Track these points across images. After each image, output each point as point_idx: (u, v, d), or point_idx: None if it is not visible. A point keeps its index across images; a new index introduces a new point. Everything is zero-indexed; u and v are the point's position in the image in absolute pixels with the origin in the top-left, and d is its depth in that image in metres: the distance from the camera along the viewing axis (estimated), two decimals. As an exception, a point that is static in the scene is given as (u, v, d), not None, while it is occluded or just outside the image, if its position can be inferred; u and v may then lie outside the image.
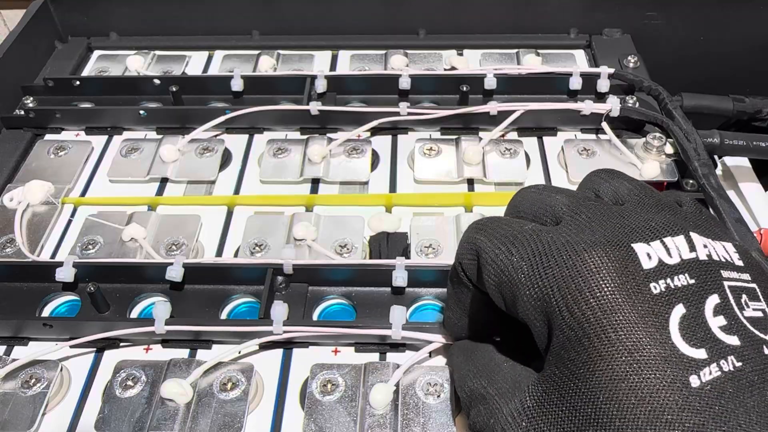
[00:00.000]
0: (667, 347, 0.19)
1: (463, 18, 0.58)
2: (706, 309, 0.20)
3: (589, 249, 0.21)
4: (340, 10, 0.58)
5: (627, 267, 0.21)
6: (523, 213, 0.26)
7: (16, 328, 0.36)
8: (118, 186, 0.46)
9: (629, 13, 0.57)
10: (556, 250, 0.22)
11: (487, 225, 0.24)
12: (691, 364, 0.19)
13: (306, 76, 0.50)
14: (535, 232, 0.23)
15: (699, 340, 0.19)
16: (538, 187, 0.27)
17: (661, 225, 0.22)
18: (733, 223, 0.38)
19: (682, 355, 0.19)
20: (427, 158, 0.45)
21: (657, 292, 0.20)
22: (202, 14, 0.59)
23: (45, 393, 0.33)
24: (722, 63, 0.59)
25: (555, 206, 0.25)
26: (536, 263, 0.22)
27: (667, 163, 0.44)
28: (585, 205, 0.24)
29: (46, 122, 0.50)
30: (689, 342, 0.19)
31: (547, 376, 0.21)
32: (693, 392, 0.18)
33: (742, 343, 0.20)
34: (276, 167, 0.45)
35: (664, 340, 0.19)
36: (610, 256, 0.21)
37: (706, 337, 0.20)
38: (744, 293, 0.21)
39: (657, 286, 0.20)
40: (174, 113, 0.49)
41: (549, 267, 0.21)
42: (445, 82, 0.50)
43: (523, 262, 0.22)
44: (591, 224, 0.23)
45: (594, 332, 0.20)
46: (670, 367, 0.19)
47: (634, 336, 0.19)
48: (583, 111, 0.46)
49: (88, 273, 0.37)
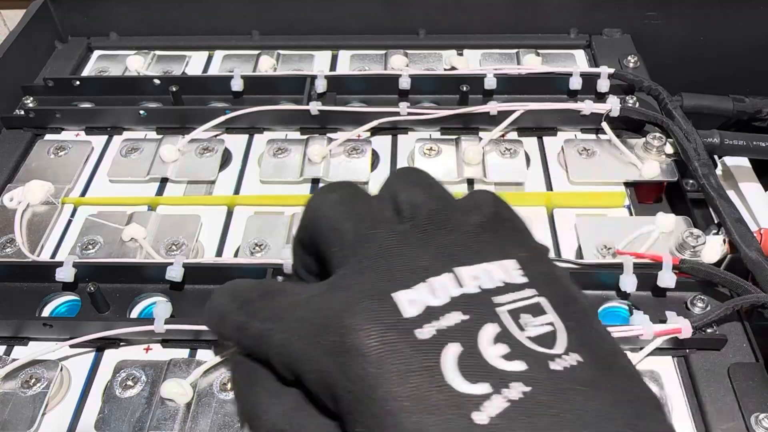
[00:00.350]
0: (445, 390, 0.19)
1: (463, 18, 0.58)
2: (483, 341, 0.20)
3: (351, 309, 0.21)
4: (340, 10, 0.58)
5: (390, 320, 0.20)
6: (316, 237, 0.26)
7: (16, 328, 0.36)
8: (118, 186, 0.46)
9: (629, 13, 0.57)
10: (321, 318, 0.21)
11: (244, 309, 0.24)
12: (473, 401, 0.19)
13: (306, 76, 0.50)
14: (306, 301, 0.22)
15: (479, 375, 0.19)
16: (335, 203, 0.26)
17: (427, 264, 0.22)
18: (733, 223, 0.38)
19: (462, 395, 0.19)
20: (427, 158, 0.45)
21: (425, 337, 0.20)
22: (202, 14, 0.59)
23: (45, 393, 0.33)
24: (722, 63, 0.59)
25: (344, 236, 0.24)
26: (305, 337, 0.21)
27: (667, 163, 0.44)
28: (367, 239, 0.23)
29: (46, 122, 0.50)
30: (468, 379, 0.19)
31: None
32: (480, 429, 0.18)
33: (527, 366, 0.20)
34: (276, 167, 0.45)
35: (440, 384, 0.19)
36: (371, 313, 0.21)
37: (487, 370, 0.19)
38: (525, 312, 0.21)
39: (425, 332, 0.20)
40: (174, 113, 0.49)
41: (318, 339, 0.21)
42: (445, 82, 0.50)
43: (294, 337, 0.22)
44: (361, 270, 0.22)
45: (373, 393, 0.19)
46: (451, 409, 0.19)
47: (410, 386, 0.19)
48: (583, 111, 0.46)
49: (88, 273, 0.37)
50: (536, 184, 0.44)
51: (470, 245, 0.23)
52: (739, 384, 0.32)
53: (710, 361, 0.34)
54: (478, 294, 0.21)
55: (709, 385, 0.33)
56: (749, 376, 0.33)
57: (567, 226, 0.42)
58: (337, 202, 0.25)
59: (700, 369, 0.34)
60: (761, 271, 0.35)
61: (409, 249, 0.23)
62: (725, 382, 0.33)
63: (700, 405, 0.32)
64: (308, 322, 0.21)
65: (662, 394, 0.32)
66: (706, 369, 0.34)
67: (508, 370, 0.19)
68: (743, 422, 0.31)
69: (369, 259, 0.23)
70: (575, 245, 0.40)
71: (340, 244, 0.24)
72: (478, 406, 0.18)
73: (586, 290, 0.37)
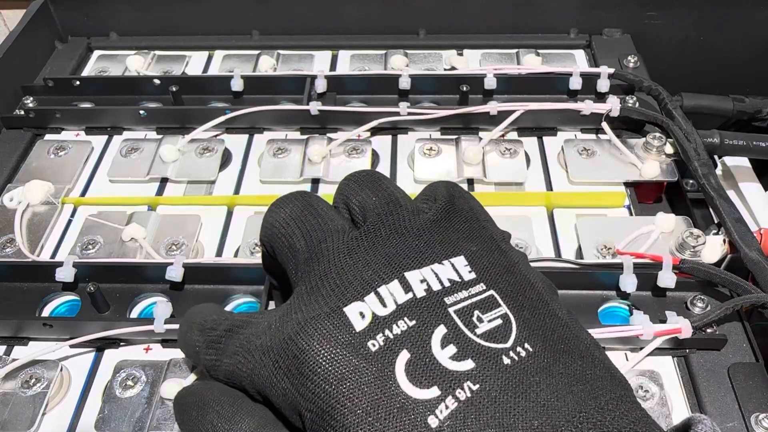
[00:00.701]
0: (399, 398, 0.19)
1: (463, 18, 0.58)
2: (433, 345, 0.20)
3: (304, 331, 0.21)
4: (340, 10, 0.58)
5: (340, 336, 0.21)
6: (274, 254, 0.27)
7: (16, 328, 0.36)
8: (118, 186, 0.46)
9: (629, 13, 0.57)
10: (279, 342, 0.22)
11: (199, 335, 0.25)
12: (425, 406, 0.19)
13: (306, 76, 0.50)
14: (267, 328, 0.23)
15: (429, 379, 0.20)
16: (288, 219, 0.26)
17: (375, 273, 0.22)
18: (733, 223, 0.38)
19: (415, 401, 0.19)
20: (427, 158, 0.45)
21: (376, 348, 0.20)
22: (202, 14, 0.59)
23: (45, 393, 0.33)
24: (722, 63, 0.59)
25: (297, 255, 0.25)
26: (268, 364, 0.22)
27: (667, 163, 0.44)
28: (318, 255, 0.24)
29: (46, 122, 0.50)
30: (419, 385, 0.20)
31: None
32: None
33: (476, 365, 0.20)
34: (276, 167, 0.45)
35: (394, 393, 0.19)
36: (323, 332, 0.21)
37: (436, 374, 0.20)
38: (476, 309, 0.22)
39: (375, 343, 0.20)
40: (174, 113, 0.49)
41: (278, 364, 0.22)
42: (445, 82, 0.50)
43: (259, 366, 0.23)
44: (314, 289, 0.23)
45: (332, 409, 0.20)
46: (406, 416, 0.19)
47: (365, 399, 0.19)
48: (583, 111, 0.46)
49: (88, 273, 0.37)
50: (536, 184, 0.44)
51: (418, 247, 0.24)
52: (739, 384, 0.32)
53: (710, 361, 0.34)
54: (426, 297, 0.22)
55: (709, 385, 0.33)
56: (749, 376, 0.33)
57: (567, 226, 0.42)
58: (289, 219, 0.26)
59: (700, 369, 0.34)
60: (761, 271, 0.35)
61: (358, 259, 0.23)
62: (725, 382, 0.33)
63: (700, 405, 0.32)
64: (269, 349, 0.22)
65: (662, 394, 0.32)
66: (706, 369, 0.34)
67: (459, 371, 0.20)
68: (743, 422, 0.31)
69: (321, 276, 0.23)
70: (575, 245, 0.40)
71: (295, 264, 0.25)
72: (431, 410, 0.19)
73: (586, 290, 0.37)
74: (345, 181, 0.28)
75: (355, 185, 0.27)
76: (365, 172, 0.28)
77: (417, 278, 0.22)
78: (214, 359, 0.24)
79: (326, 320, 0.21)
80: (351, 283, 0.22)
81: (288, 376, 0.21)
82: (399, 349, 0.20)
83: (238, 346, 0.24)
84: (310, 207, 0.26)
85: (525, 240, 0.39)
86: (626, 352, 0.35)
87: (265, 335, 0.23)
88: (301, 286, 0.24)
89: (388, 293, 0.22)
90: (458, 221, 0.25)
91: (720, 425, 0.31)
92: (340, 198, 0.27)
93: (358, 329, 0.21)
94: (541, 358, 0.21)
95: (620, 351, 0.35)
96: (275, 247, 0.26)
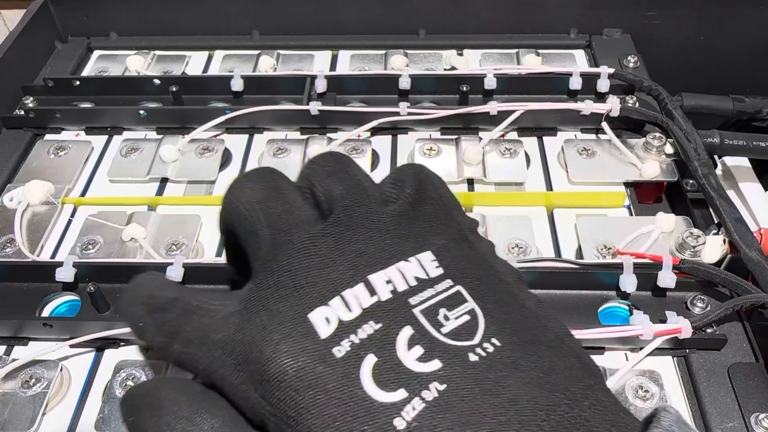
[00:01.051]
0: (365, 402, 0.19)
1: (463, 18, 0.58)
2: (399, 347, 0.20)
3: (268, 338, 0.21)
4: (340, 10, 0.58)
5: (306, 343, 0.21)
6: (235, 237, 0.25)
7: (16, 328, 0.36)
8: (118, 186, 0.46)
9: (629, 13, 0.57)
10: (242, 346, 0.22)
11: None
12: (391, 408, 0.19)
13: (306, 76, 0.50)
14: (224, 322, 0.23)
15: (395, 382, 0.20)
16: (252, 202, 0.25)
17: (340, 275, 0.22)
18: (733, 223, 0.38)
19: (381, 405, 0.19)
20: (427, 158, 0.45)
21: (341, 354, 0.20)
22: (202, 14, 0.59)
23: (45, 393, 0.33)
24: (722, 63, 0.59)
25: (261, 244, 0.24)
26: (228, 366, 0.22)
27: (667, 163, 0.44)
28: (283, 248, 0.23)
29: (46, 122, 0.50)
30: (385, 388, 0.20)
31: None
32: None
33: (443, 364, 0.20)
34: (276, 167, 0.45)
35: (360, 398, 0.20)
36: (288, 341, 0.21)
37: (402, 376, 0.20)
38: (442, 307, 0.22)
39: (341, 349, 0.20)
40: (174, 113, 0.49)
41: (240, 369, 0.22)
42: (445, 82, 0.50)
43: (217, 366, 0.22)
44: (277, 286, 0.22)
45: (298, 415, 0.20)
46: (372, 420, 0.19)
47: (331, 405, 0.20)
48: (583, 111, 0.46)
49: (88, 273, 0.37)
50: (536, 184, 0.44)
51: (385, 243, 0.23)
52: (739, 384, 0.32)
53: (710, 361, 0.34)
54: (391, 299, 0.21)
55: (709, 385, 0.33)
56: (749, 376, 0.33)
57: (567, 226, 0.42)
58: (254, 201, 0.25)
59: (700, 369, 0.34)
60: (761, 271, 0.35)
61: (324, 257, 0.23)
62: (725, 382, 0.33)
63: (700, 405, 0.32)
64: (230, 350, 0.22)
65: (662, 394, 0.32)
66: (706, 369, 0.34)
67: (425, 372, 0.20)
68: (743, 422, 0.31)
69: (285, 273, 0.23)
70: (575, 245, 0.40)
71: (257, 253, 0.24)
72: (398, 413, 0.19)
73: (586, 290, 0.37)
74: (310, 164, 0.27)
75: (321, 171, 0.26)
76: (331, 155, 0.27)
77: (383, 279, 0.22)
78: (164, 342, 0.24)
79: (291, 327, 0.21)
80: (316, 285, 0.22)
81: (251, 381, 0.21)
82: (365, 354, 0.20)
83: (194, 336, 0.23)
84: (278, 191, 0.25)
85: (525, 240, 0.39)
86: (626, 352, 0.35)
87: (224, 330, 0.22)
88: (263, 278, 0.23)
89: (353, 297, 0.22)
90: (427, 211, 0.25)
91: (720, 425, 0.31)
92: (305, 182, 0.26)
93: (324, 336, 0.21)
94: (509, 352, 0.21)
95: (620, 351, 0.35)
96: (237, 230, 0.25)
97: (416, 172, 0.27)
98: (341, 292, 0.22)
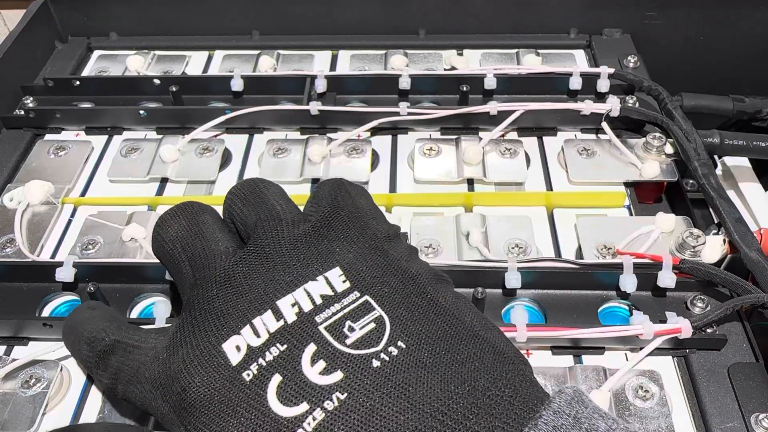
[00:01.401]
0: (271, 420, 0.21)
1: (463, 18, 0.58)
2: (303, 364, 0.22)
3: (186, 369, 0.23)
4: (340, 10, 0.58)
5: (218, 372, 0.23)
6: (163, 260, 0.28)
7: (16, 328, 0.36)
8: (118, 186, 0.46)
9: (629, 13, 0.57)
10: (165, 379, 0.24)
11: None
12: (293, 422, 0.21)
13: (306, 76, 0.50)
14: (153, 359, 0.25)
15: (297, 397, 0.21)
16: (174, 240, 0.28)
17: (249, 305, 0.24)
18: (733, 223, 0.38)
19: (285, 419, 0.21)
20: (427, 158, 0.45)
21: (250, 378, 0.22)
22: (202, 14, 0.59)
23: (45, 393, 0.33)
24: (722, 63, 0.59)
25: (184, 280, 0.27)
26: (157, 398, 0.24)
27: (667, 163, 0.44)
28: (203, 285, 0.25)
29: (46, 122, 0.50)
30: (288, 404, 0.21)
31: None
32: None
33: (345, 374, 0.21)
34: (276, 167, 0.45)
35: (267, 415, 0.21)
36: (201, 371, 0.23)
37: (306, 391, 0.21)
38: (347, 319, 0.23)
39: (250, 372, 0.22)
40: (174, 113, 0.49)
41: (165, 399, 0.24)
42: (445, 82, 0.50)
43: (149, 398, 0.25)
44: (196, 323, 0.24)
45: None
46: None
47: (241, 425, 0.21)
48: (583, 111, 0.46)
49: (88, 273, 0.37)
50: (536, 184, 0.44)
51: (292, 266, 0.25)
52: (739, 384, 0.32)
53: (710, 361, 0.34)
54: (297, 321, 0.23)
55: (709, 385, 0.33)
56: (749, 376, 0.33)
57: (567, 226, 0.42)
58: (176, 240, 0.27)
59: (700, 369, 0.34)
60: (761, 271, 0.35)
61: (237, 287, 0.25)
62: (725, 382, 0.33)
63: (700, 405, 0.32)
64: (157, 385, 0.24)
65: (662, 394, 0.32)
66: (706, 369, 0.34)
67: (327, 384, 0.21)
68: (743, 422, 0.31)
69: (204, 308, 0.25)
70: (575, 245, 0.40)
71: (182, 287, 0.27)
72: (299, 425, 0.20)
73: (585, 290, 0.37)
74: (229, 195, 0.29)
75: (238, 201, 0.28)
76: (247, 184, 0.29)
77: (288, 303, 0.23)
78: (110, 383, 0.26)
79: (207, 359, 0.23)
80: (231, 316, 0.24)
81: (174, 410, 0.23)
82: (271, 375, 0.22)
83: (131, 375, 0.25)
84: (197, 227, 0.27)
85: (525, 240, 0.39)
86: (626, 352, 0.35)
87: (153, 367, 0.24)
88: (186, 314, 0.25)
89: (261, 324, 0.23)
90: (339, 225, 0.26)
91: (720, 425, 0.31)
92: (226, 213, 0.28)
93: (234, 363, 0.22)
94: (415, 353, 0.22)
95: (620, 351, 0.35)
96: (165, 266, 0.28)
97: (332, 186, 0.28)
98: (251, 320, 0.23)
